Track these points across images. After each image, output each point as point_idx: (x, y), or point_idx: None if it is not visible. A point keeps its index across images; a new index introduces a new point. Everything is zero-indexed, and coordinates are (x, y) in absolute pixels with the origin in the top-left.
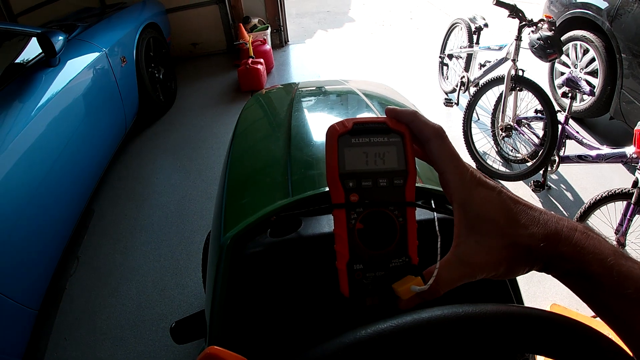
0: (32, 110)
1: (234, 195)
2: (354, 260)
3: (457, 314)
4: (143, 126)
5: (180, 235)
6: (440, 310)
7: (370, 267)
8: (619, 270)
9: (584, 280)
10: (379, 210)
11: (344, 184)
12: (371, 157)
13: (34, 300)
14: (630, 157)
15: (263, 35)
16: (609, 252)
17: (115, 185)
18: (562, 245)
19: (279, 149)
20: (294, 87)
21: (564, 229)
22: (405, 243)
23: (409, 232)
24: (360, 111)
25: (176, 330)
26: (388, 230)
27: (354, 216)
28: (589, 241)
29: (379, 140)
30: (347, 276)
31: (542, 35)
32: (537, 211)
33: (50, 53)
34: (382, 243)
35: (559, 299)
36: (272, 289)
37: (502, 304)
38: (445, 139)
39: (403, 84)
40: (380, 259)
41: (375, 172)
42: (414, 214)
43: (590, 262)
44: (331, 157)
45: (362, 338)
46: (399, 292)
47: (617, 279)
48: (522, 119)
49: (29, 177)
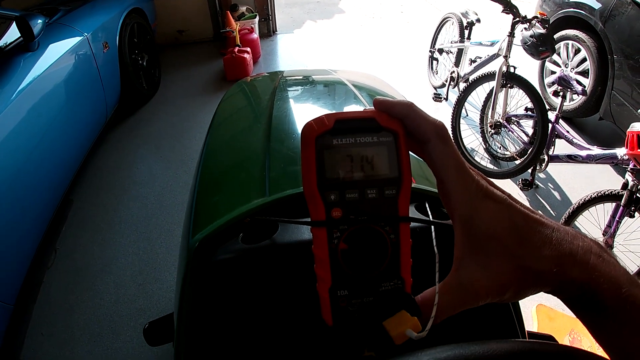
0: (9, 96)
1: (205, 192)
2: (338, 286)
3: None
4: (125, 115)
5: (160, 228)
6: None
7: (356, 293)
8: (633, 302)
9: (594, 309)
10: (367, 227)
11: (324, 197)
12: (357, 162)
13: (10, 295)
14: (621, 158)
15: (251, 23)
16: (624, 280)
17: (95, 175)
18: (576, 270)
19: (257, 142)
20: (278, 75)
21: (579, 250)
22: (398, 263)
23: (402, 251)
24: (348, 102)
25: (149, 332)
26: (377, 250)
27: (336, 235)
28: (604, 267)
29: (366, 140)
30: (330, 304)
31: (535, 32)
32: (550, 228)
33: (29, 37)
34: (371, 265)
35: (545, 299)
36: (242, 301)
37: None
38: (449, 140)
39: (392, 77)
40: (368, 282)
41: (362, 181)
42: (408, 229)
43: (604, 291)
44: (308, 164)
45: None
46: (393, 335)
47: (630, 312)
48: (511, 117)
49: (5, 166)
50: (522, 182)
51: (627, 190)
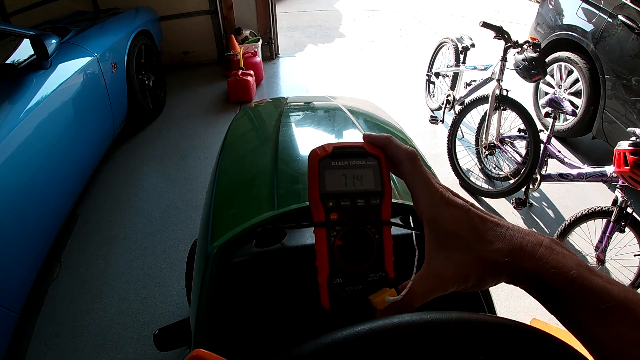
0: (20, 112)
1: (221, 205)
2: (334, 274)
3: (424, 319)
4: (131, 133)
5: (165, 244)
6: (410, 316)
7: (349, 281)
8: (582, 283)
9: (548, 293)
10: (357, 228)
11: (324, 203)
12: (350, 178)
13: (16, 304)
14: (610, 176)
15: (254, 47)
16: (572, 265)
17: (101, 191)
18: (525, 260)
19: (266, 162)
20: (282, 102)
21: (528, 244)
22: (382, 259)
23: (386, 249)
24: (346, 128)
25: (159, 338)
26: (366, 247)
27: (333, 234)
28: (552, 256)
29: (356, 163)
30: (327, 290)
31: (527, 56)
32: (504, 227)
33: (43, 56)
34: (360, 259)
35: (539, 314)
36: (256, 297)
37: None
38: (417, 161)
39: (390, 100)
40: (358, 273)
41: (353, 193)
42: (390, 231)
43: (552, 276)
44: (313, 179)
45: (338, 339)
46: (375, 302)
47: (580, 291)
48: (505, 138)
49: (15, 180)
50: (516, 200)
51: (617, 206)
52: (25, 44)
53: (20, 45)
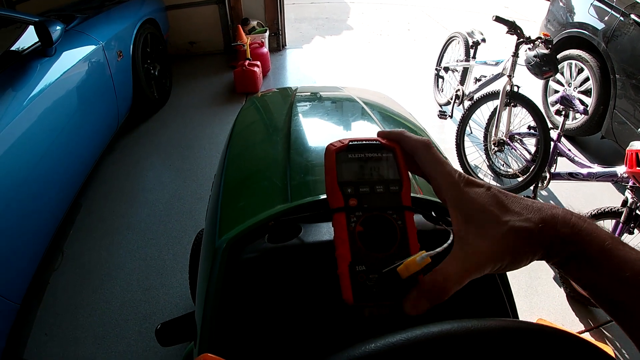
0: (24, 100)
1: (230, 196)
2: (356, 261)
3: (467, 328)
4: (136, 122)
5: (168, 235)
6: (450, 324)
7: (372, 269)
8: (617, 254)
9: (585, 264)
10: (378, 215)
11: (342, 190)
12: (367, 169)
13: (17, 294)
14: (621, 176)
15: (261, 37)
16: (606, 236)
17: (104, 181)
18: (560, 226)
19: (278, 153)
20: (291, 92)
21: (560, 212)
22: (407, 245)
23: (410, 235)
24: (360, 119)
25: (162, 332)
26: (388, 233)
27: (353, 219)
28: (586, 225)
29: (373, 155)
30: (350, 279)
31: (539, 52)
32: (530, 200)
33: (47, 42)
34: (384, 245)
35: (545, 314)
36: (269, 297)
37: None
38: (432, 148)
39: (398, 94)
40: (382, 261)
41: (371, 181)
42: (412, 218)
43: (590, 243)
44: (330, 169)
45: (371, 351)
46: (402, 270)
47: (616, 262)
48: (514, 135)
49: (17, 168)
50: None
51: (627, 207)
52: (29, 31)
53: (24, 33)
